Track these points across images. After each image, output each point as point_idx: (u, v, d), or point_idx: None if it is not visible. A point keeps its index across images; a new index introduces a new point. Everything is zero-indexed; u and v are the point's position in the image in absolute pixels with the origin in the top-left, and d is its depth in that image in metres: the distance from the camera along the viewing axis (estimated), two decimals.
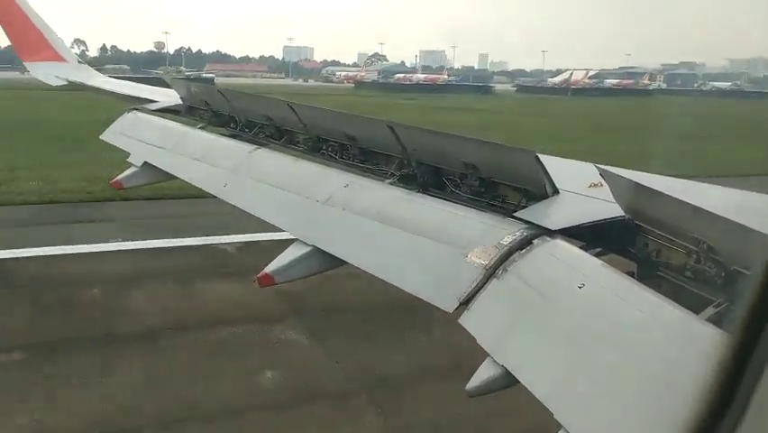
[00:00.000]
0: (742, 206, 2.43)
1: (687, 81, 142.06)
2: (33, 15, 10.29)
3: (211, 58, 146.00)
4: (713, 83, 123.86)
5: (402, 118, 6.63)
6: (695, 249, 2.34)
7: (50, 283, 8.79)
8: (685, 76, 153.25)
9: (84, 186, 14.10)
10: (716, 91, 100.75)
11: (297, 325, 7.69)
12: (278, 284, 3.43)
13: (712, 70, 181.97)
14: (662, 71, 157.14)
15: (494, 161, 3.30)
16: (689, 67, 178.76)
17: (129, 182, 5.92)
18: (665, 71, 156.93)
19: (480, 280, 2.48)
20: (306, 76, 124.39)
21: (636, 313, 2.01)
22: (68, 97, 28.29)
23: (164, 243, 10.66)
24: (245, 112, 5.83)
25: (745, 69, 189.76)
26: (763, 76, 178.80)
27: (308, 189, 3.88)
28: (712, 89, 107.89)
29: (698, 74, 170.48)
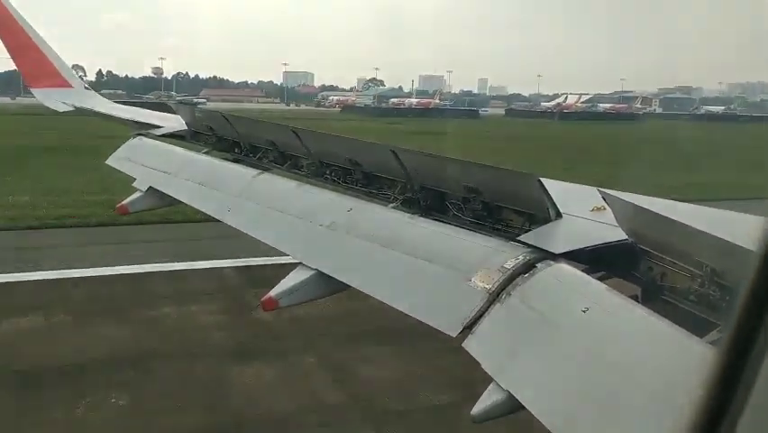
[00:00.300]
0: (745, 229, 2.30)
1: (683, 105, 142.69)
2: (41, 42, 10.40)
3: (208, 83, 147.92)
4: (707, 107, 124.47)
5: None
6: (699, 273, 2.34)
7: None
8: (681, 100, 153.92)
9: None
10: (708, 115, 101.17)
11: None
12: (282, 308, 3.45)
13: (710, 94, 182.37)
14: (658, 96, 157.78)
15: (496, 185, 3.32)
16: (685, 91, 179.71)
17: (134, 207, 5.95)
18: (661, 96, 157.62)
19: (483, 304, 2.48)
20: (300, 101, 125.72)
21: (641, 337, 2.01)
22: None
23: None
24: (249, 137, 5.92)
25: (741, 93, 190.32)
26: (760, 99, 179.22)
27: (312, 214, 3.90)
28: (705, 113, 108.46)
29: (694, 98, 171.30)
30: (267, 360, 7.49)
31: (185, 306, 9.19)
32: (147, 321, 8.57)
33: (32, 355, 7.36)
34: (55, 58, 10.60)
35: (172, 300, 9.31)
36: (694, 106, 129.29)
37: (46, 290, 9.58)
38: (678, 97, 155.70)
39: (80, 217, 13.93)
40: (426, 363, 7.28)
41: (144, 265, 10.71)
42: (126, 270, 10.51)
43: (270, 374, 7.14)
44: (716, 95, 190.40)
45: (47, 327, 8.21)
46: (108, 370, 7.03)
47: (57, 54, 10.66)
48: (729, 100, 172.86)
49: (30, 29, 10.26)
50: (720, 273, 2.24)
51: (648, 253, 2.63)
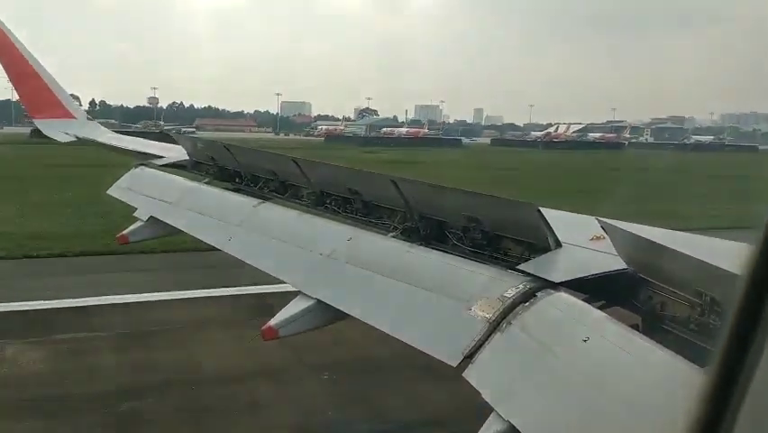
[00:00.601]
0: (744, 258, 2.38)
1: (674, 135, 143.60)
2: (44, 73, 10.49)
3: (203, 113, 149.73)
4: (696, 137, 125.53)
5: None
6: (698, 302, 2.34)
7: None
8: (672, 130, 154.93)
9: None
10: (695, 144, 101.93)
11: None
12: (282, 337, 3.43)
13: (704, 124, 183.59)
14: (650, 125, 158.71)
15: (496, 215, 3.33)
16: (677, 121, 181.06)
17: (135, 236, 5.93)
18: (653, 125, 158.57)
19: (483, 333, 2.48)
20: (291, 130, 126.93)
21: (642, 367, 2.00)
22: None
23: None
24: (250, 167, 5.95)
25: (734, 124, 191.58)
26: (753, 129, 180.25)
27: (312, 243, 3.92)
28: (694, 142, 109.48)
29: (687, 128, 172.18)
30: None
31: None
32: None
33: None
34: (58, 89, 10.68)
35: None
36: (684, 136, 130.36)
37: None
38: (669, 127, 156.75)
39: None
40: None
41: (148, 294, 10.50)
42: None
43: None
44: (708, 125, 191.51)
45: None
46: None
47: (60, 85, 10.75)
48: (721, 130, 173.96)
49: (33, 60, 10.35)
50: (719, 302, 2.24)
51: (648, 282, 2.64)
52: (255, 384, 7.40)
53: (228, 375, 7.62)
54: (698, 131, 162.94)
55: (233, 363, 7.88)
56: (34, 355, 7.99)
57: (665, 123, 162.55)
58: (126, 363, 7.91)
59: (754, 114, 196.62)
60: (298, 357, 7.95)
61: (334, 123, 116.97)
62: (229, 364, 7.90)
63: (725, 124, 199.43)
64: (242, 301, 10.03)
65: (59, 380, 7.28)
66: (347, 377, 7.70)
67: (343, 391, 7.40)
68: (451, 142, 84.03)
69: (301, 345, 7.09)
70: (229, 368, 7.80)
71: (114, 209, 9.21)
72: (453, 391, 3.13)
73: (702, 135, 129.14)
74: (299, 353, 7.99)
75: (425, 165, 42.33)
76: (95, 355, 8.10)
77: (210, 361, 8.06)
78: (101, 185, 7.29)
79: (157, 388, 7.17)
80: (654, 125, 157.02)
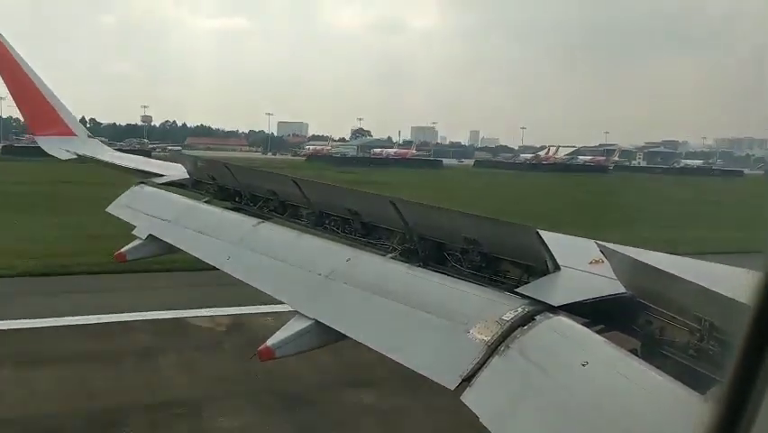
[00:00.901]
0: (744, 284, 2.18)
1: (667, 159, 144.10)
2: (46, 90, 10.50)
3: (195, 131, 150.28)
4: (686, 161, 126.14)
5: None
6: (698, 327, 2.33)
7: None
8: (665, 154, 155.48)
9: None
10: (682, 168, 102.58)
11: None
12: (279, 358, 3.41)
13: (698, 148, 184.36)
14: (643, 149, 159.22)
15: (495, 237, 3.34)
16: (671, 146, 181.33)
17: (133, 255, 5.92)
18: (645, 149, 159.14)
19: (481, 356, 2.46)
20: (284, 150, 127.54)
21: (641, 392, 1.99)
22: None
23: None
24: (250, 186, 5.98)
25: (728, 148, 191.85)
26: (746, 154, 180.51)
27: (310, 263, 3.92)
28: (684, 167, 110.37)
29: (681, 152, 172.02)
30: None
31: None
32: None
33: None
34: (60, 106, 10.68)
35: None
36: (674, 160, 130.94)
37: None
38: (662, 151, 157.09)
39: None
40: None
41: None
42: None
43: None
44: (702, 149, 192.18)
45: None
46: None
47: (61, 102, 10.75)
48: (713, 155, 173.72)
49: (35, 76, 10.37)
50: (719, 328, 2.23)
51: (647, 306, 2.62)
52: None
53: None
54: (691, 155, 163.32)
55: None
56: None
57: (658, 147, 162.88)
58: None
59: (748, 139, 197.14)
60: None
61: (323, 143, 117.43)
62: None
63: (719, 149, 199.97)
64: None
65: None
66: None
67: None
68: (432, 164, 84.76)
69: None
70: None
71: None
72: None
73: (692, 160, 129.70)
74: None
75: (376, 185, 42.23)
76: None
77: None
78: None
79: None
80: (647, 149, 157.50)
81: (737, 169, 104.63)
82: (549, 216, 22.26)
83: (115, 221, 6.45)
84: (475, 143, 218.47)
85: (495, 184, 50.17)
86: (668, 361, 2.43)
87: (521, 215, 20.75)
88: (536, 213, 25.14)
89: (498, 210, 24.68)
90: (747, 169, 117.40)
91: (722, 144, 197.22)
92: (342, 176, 51.64)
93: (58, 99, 10.69)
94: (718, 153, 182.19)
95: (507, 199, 34.04)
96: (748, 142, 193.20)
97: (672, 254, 3.23)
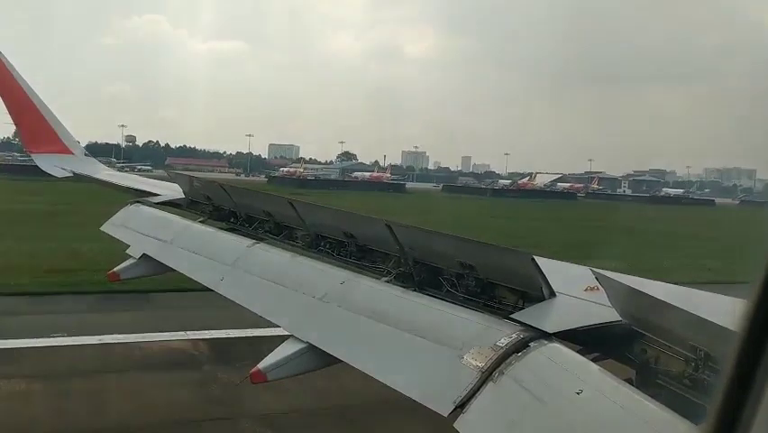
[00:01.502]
0: (737, 313, 2.16)
1: (652, 187, 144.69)
2: (44, 108, 10.56)
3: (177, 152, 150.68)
4: (667, 189, 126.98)
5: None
6: (692, 356, 2.34)
7: None
8: (650, 182, 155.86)
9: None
10: (660, 197, 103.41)
11: None
12: (271, 381, 3.37)
13: (686, 178, 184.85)
14: (628, 177, 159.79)
15: (491, 263, 3.32)
16: (658, 174, 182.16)
17: (126, 274, 5.89)
18: (631, 177, 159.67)
19: (475, 382, 2.44)
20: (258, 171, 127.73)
21: (635, 421, 1.98)
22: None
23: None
24: (246, 207, 5.94)
25: (716, 178, 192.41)
26: (733, 184, 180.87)
27: (305, 286, 3.89)
28: (664, 195, 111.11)
29: (667, 181, 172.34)
30: None
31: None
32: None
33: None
34: (57, 124, 10.69)
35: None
36: (655, 189, 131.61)
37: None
38: (647, 180, 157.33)
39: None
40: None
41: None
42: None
43: None
44: (692, 179, 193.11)
45: None
46: None
47: (59, 120, 10.76)
48: (704, 184, 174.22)
49: (33, 94, 10.41)
50: (714, 357, 2.24)
51: (642, 335, 2.62)
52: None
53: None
54: (678, 184, 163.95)
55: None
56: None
57: (644, 175, 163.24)
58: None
59: (736, 169, 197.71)
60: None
61: (296, 165, 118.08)
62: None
63: (707, 179, 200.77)
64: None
65: None
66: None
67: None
68: (397, 187, 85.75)
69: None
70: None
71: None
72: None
73: (674, 189, 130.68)
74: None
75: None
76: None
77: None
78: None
79: None
80: (632, 178, 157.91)
81: (710, 198, 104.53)
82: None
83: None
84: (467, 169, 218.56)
85: (422, 205, 49.08)
86: (663, 390, 2.43)
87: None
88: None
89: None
90: (734, 198, 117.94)
91: (711, 174, 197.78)
92: (291, 195, 50.79)
93: (55, 117, 10.69)
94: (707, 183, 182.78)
95: (405, 216, 32.75)
96: (736, 172, 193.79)
97: (667, 283, 3.25)
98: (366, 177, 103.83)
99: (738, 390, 1.00)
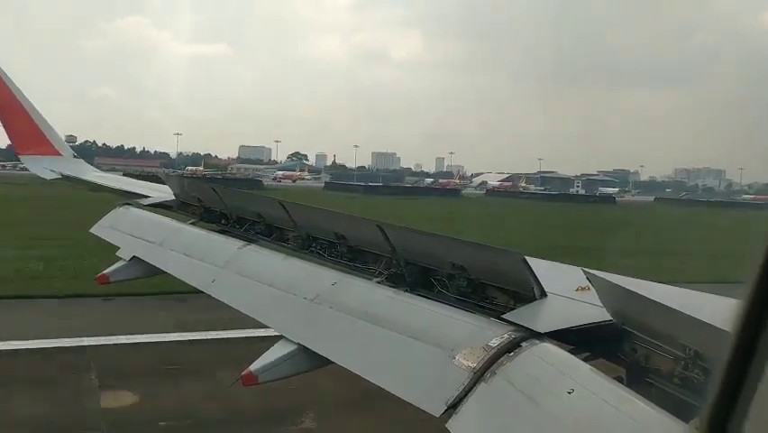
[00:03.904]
0: (729, 313, 2.04)
1: (605, 187, 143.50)
2: (32, 110, 10.41)
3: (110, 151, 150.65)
4: (602, 189, 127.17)
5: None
6: (683, 356, 2.35)
7: None
8: (603, 182, 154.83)
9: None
10: (571, 195, 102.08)
11: None
12: (262, 383, 3.36)
13: (656, 178, 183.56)
14: (581, 178, 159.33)
15: (482, 263, 3.33)
16: (623, 174, 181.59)
17: (115, 276, 5.82)
18: (584, 178, 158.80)
19: (467, 383, 2.45)
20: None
21: (627, 421, 1.99)
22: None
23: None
24: (237, 209, 5.92)
25: (683, 179, 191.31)
26: (696, 184, 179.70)
27: (296, 287, 3.88)
28: (599, 194, 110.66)
29: (629, 181, 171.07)
30: None
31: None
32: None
33: None
34: (45, 126, 10.56)
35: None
36: (596, 189, 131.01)
37: None
38: (599, 179, 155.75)
39: None
40: None
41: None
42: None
43: None
44: (664, 179, 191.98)
45: None
46: None
47: (47, 122, 10.64)
48: (668, 185, 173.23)
49: (21, 96, 10.25)
50: (704, 357, 2.25)
51: (633, 334, 2.64)
52: None
53: None
54: (639, 185, 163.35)
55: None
56: None
57: (598, 175, 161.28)
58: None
59: (706, 169, 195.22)
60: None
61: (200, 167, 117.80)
62: None
63: (677, 178, 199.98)
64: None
65: None
66: None
67: None
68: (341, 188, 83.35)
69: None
70: None
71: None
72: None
73: (611, 188, 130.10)
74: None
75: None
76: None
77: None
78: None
79: None
80: (585, 178, 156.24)
81: (612, 196, 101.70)
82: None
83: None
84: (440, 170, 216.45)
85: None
86: (653, 389, 2.44)
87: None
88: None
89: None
90: (632, 194, 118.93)
91: (680, 174, 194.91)
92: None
93: (43, 118, 10.55)
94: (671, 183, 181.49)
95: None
96: (706, 172, 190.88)
97: (659, 282, 3.27)
98: (279, 176, 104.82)
99: (731, 389, 1.01)
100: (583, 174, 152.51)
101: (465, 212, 48.72)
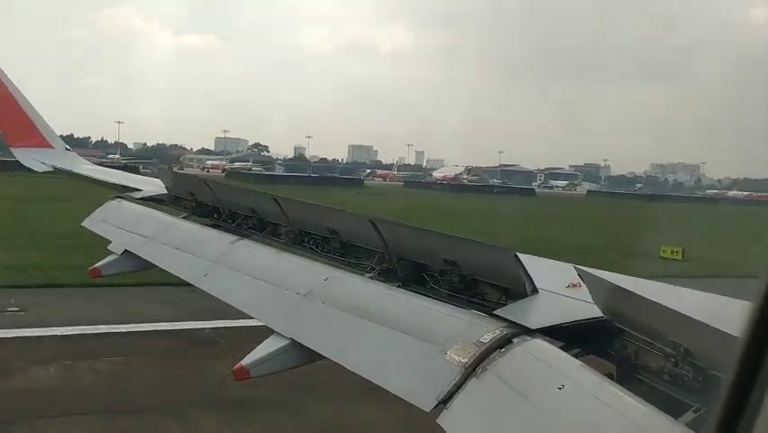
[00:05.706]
0: (718, 310, 2.39)
1: (570, 180, 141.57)
2: (24, 102, 10.43)
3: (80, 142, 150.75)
4: (553, 182, 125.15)
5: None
6: (673, 352, 2.36)
7: None
8: (567, 175, 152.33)
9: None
10: (505, 188, 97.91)
11: None
12: (254, 378, 3.36)
13: (635, 173, 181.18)
14: (545, 171, 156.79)
15: (474, 259, 3.35)
16: (594, 168, 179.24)
17: (107, 270, 5.86)
18: (548, 171, 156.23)
19: (459, 378, 2.46)
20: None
21: (616, 416, 2.01)
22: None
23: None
24: (229, 203, 5.92)
25: (657, 173, 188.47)
26: (666, 179, 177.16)
27: (288, 282, 3.90)
28: (550, 188, 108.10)
29: (600, 175, 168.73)
30: None
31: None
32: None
33: None
34: (37, 118, 10.57)
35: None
36: (543, 182, 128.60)
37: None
38: (562, 173, 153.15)
39: None
40: None
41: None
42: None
43: None
44: (637, 174, 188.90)
45: None
46: None
47: (39, 114, 10.65)
48: (639, 179, 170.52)
49: (13, 88, 10.27)
50: (694, 354, 2.27)
51: (623, 331, 2.66)
52: None
53: None
54: (609, 179, 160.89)
55: None
56: None
57: (562, 169, 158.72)
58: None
59: (681, 164, 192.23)
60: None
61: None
62: None
63: (651, 173, 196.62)
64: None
65: None
66: None
67: None
68: (256, 177, 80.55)
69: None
70: None
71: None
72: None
73: (561, 181, 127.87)
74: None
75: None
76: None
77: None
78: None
79: None
80: (547, 171, 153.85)
81: (531, 188, 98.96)
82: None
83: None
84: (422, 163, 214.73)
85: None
86: (643, 385, 2.45)
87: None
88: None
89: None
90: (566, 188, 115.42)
91: (655, 169, 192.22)
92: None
93: (35, 111, 10.55)
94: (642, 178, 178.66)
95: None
96: (681, 167, 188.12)
97: (648, 280, 3.31)
98: (208, 165, 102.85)
99: (740, 391, 1.02)
100: (547, 168, 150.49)
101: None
